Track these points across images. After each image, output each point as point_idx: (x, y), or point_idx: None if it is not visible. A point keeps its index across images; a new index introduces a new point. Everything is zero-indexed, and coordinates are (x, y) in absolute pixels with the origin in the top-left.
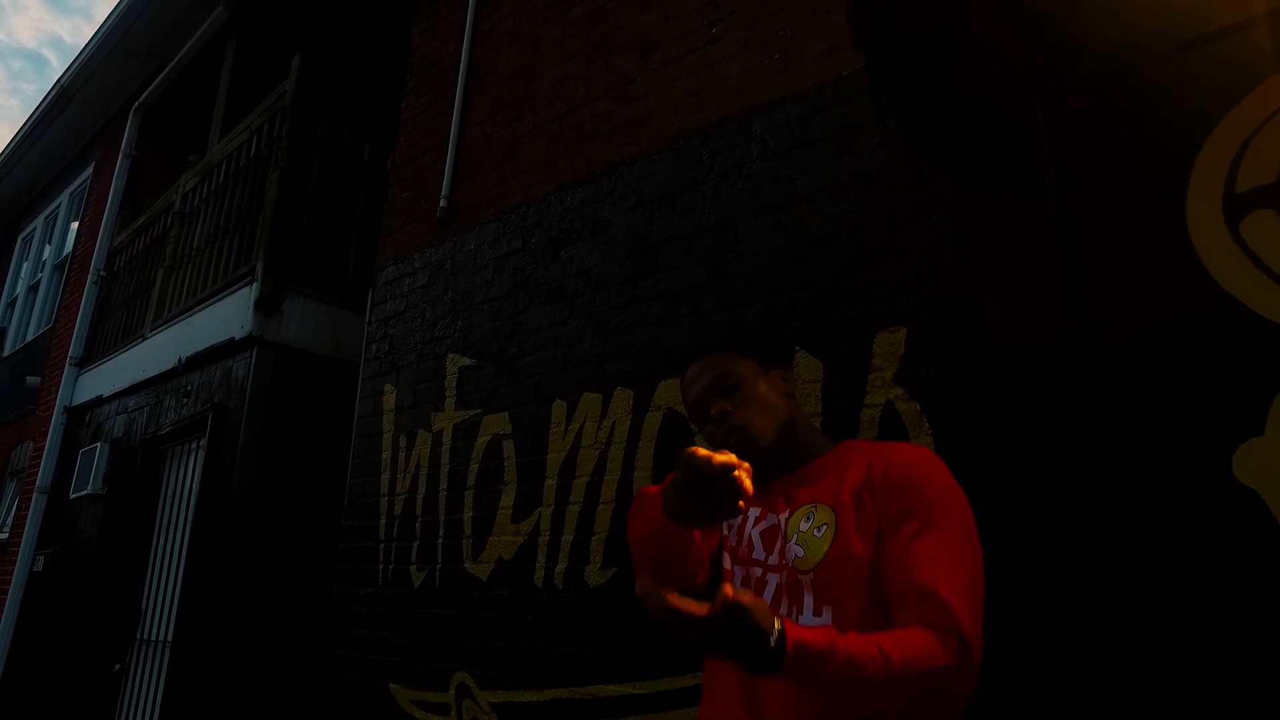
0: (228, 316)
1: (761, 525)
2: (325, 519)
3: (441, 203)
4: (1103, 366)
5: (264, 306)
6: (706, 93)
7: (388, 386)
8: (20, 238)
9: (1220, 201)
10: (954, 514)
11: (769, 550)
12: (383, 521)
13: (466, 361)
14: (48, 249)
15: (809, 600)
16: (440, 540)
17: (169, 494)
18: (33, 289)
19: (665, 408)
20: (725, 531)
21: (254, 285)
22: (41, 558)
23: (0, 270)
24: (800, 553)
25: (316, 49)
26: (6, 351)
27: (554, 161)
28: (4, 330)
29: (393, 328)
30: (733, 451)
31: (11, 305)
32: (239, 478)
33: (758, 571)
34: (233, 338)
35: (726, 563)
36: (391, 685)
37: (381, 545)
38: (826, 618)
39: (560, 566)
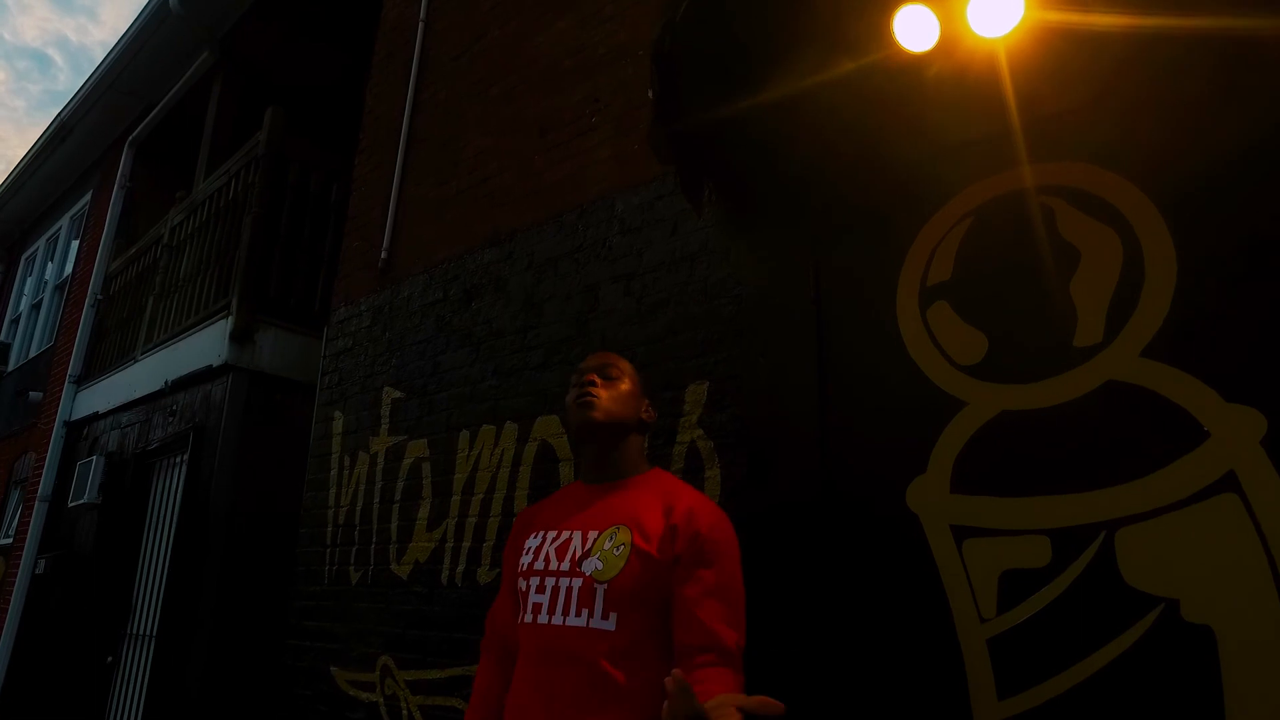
0: (207, 345)
1: (557, 542)
2: (293, 526)
3: (383, 254)
4: (832, 415)
5: (238, 337)
6: (585, 173)
7: (336, 413)
8: (24, 257)
9: (917, 291)
10: (733, 563)
11: (561, 559)
12: (330, 529)
13: (398, 394)
14: (49, 270)
15: (599, 604)
16: (373, 545)
17: (157, 503)
18: (35, 308)
19: (541, 439)
20: (525, 557)
21: (229, 318)
22: (43, 561)
23: (4, 289)
24: (599, 566)
25: (292, 97)
26: (10, 367)
27: (470, 224)
28: (8, 347)
29: (342, 362)
30: (575, 409)
31: (15, 322)
32: (216, 489)
33: (551, 581)
34: (211, 365)
35: (521, 585)
36: (332, 668)
37: (328, 550)
38: (612, 621)
39: (460, 568)
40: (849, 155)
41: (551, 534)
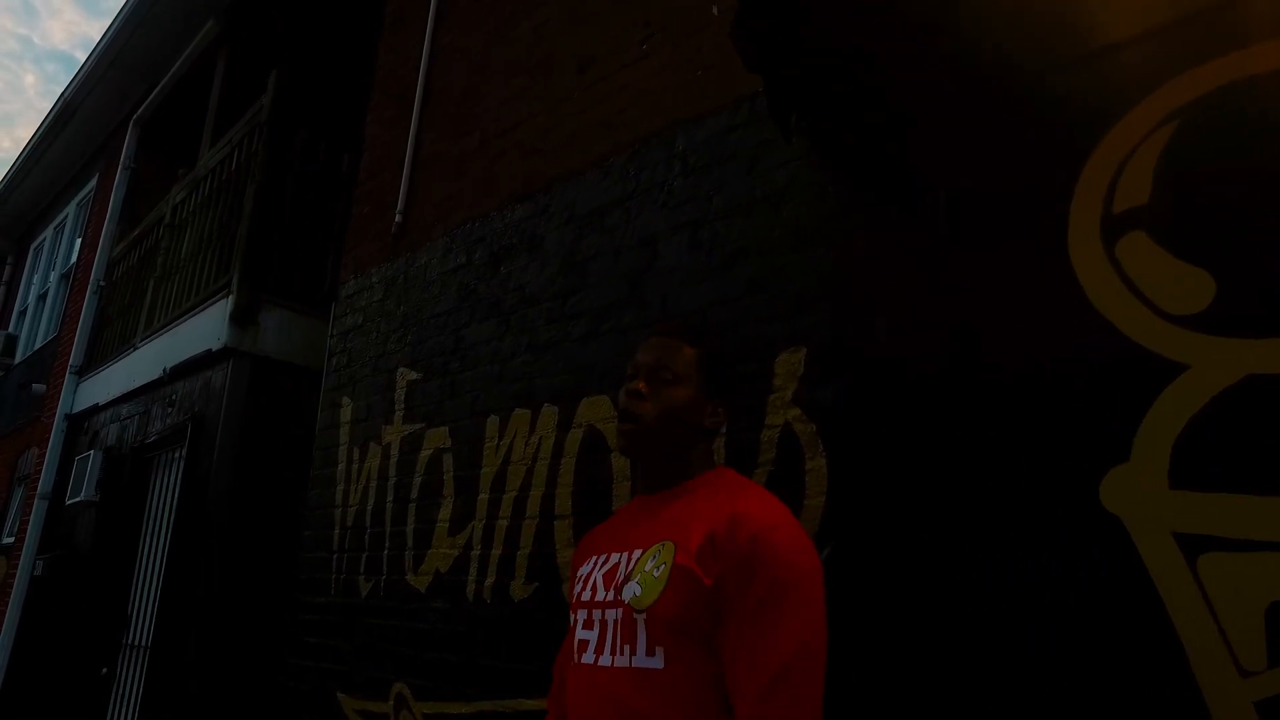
0: (207, 328)
1: (605, 567)
2: (300, 524)
3: (397, 218)
4: (980, 388)
5: (240, 319)
6: (635, 108)
7: (345, 399)
8: (33, 247)
9: (1099, 221)
10: (801, 599)
11: (608, 587)
12: (336, 532)
13: (414, 375)
14: (56, 258)
15: (642, 639)
16: (385, 552)
17: (155, 501)
18: (42, 298)
19: (587, 424)
20: (577, 587)
21: (230, 298)
22: (41, 562)
23: (14, 279)
24: (638, 591)
25: (298, 64)
26: (18, 359)
27: (497, 178)
28: (15, 338)
29: (351, 341)
30: (619, 426)
31: (23, 314)
32: (215, 486)
33: (598, 613)
34: (210, 349)
35: (572, 620)
36: (339, 693)
37: (334, 556)
38: (659, 658)
39: (489, 580)
40: (997, 50)
41: (602, 558)
